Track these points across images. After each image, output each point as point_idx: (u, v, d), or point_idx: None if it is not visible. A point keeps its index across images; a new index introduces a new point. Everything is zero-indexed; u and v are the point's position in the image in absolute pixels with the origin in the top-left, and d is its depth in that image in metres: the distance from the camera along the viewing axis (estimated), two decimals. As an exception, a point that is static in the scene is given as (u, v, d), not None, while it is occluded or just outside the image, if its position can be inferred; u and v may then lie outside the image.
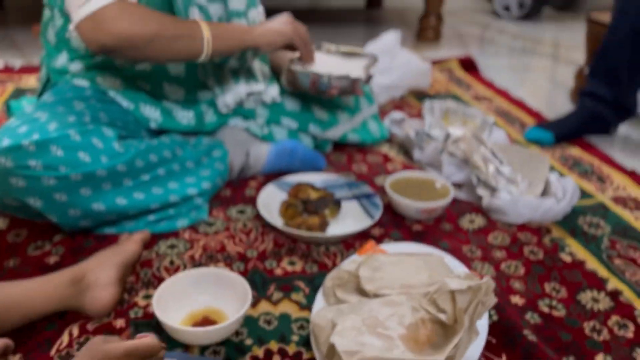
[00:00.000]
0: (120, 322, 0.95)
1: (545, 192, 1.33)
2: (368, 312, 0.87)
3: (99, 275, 0.95)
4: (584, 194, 1.42)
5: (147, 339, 0.66)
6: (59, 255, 1.10)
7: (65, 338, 0.91)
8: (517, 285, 1.09)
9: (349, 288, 0.97)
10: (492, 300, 0.84)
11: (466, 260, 1.14)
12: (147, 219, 1.18)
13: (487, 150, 1.38)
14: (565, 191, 1.32)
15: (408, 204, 1.25)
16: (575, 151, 1.67)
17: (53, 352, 0.88)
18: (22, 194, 1.04)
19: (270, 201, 1.28)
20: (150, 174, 1.19)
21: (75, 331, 0.92)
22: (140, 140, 1.20)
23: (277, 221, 1.21)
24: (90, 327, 0.93)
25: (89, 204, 1.09)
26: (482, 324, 0.92)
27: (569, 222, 1.30)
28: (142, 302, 0.99)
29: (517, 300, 1.05)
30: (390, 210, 1.31)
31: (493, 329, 0.96)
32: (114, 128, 1.18)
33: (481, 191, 1.33)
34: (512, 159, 1.41)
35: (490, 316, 0.99)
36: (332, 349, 0.80)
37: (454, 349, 0.80)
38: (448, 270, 1.01)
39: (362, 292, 0.95)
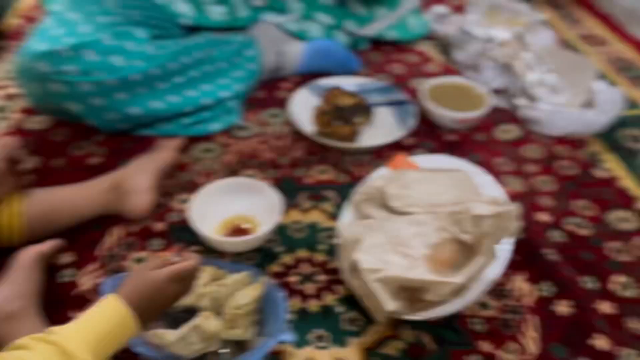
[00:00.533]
0: (159, 226, 1.01)
1: (588, 103, 1.28)
2: (393, 230, 0.90)
3: (137, 181, 1.00)
4: (632, 105, 1.35)
5: (186, 263, 0.72)
6: (100, 156, 1.15)
7: (109, 239, 0.98)
8: (545, 201, 1.09)
9: (376, 204, 1.00)
10: (516, 226, 0.86)
11: (497, 174, 1.14)
12: (181, 122, 1.21)
13: (530, 56, 1.31)
14: (610, 102, 1.26)
15: (443, 114, 1.23)
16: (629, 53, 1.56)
17: (99, 251, 0.96)
18: (60, 98, 1.06)
19: (303, 106, 1.27)
20: (183, 76, 1.19)
21: (119, 232, 0.99)
22: (173, 41, 1.19)
23: (309, 128, 1.22)
24: (132, 229, 1.00)
25: (125, 107, 1.11)
26: (507, 242, 0.94)
27: (610, 135, 1.25)
28: (178, 207, 1.04)
29: (543, 217, 1.06)
30: (424, 118, 1.29)
31: (517, 246, 0.99)
32: (147, 27, 1.17)
33: (520, 100, 1.29)
34: (557, 64, 1.34)
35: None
36: (355, 264, 0.85)
37: (473, 271, 0.83)
38: (475, 189, 1.01)
39: (389, 209, 0.98)
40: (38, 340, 0.58)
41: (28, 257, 0.86)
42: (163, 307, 0.73)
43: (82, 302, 0.88)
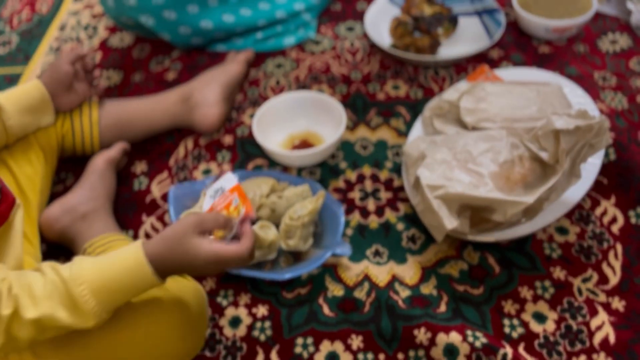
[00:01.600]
0: (228, 139, 1.02)
1: None
2: (462, 145, 0.83)
3: (206, 94, 1.00)
4: None
5: (234, 248, 0.62)
6: (177, 72, 1.16)
7: (181, 150, 1.01)
8: (651, 120, 0.96)
9: (448, 119, 0.93)
10: (604, 142, 0.76)
11: (594, 90, 1.01)
12: (255, 37, 1.18)
13: (651, -48, 1.11)
14: None
15: (535, 22, 1.10)
16: None
17: (171, 162, 0.99)
18: (134, 12, 1.08)
19: (381, 17, 1.19)
20: (257, -11, 1.15)
21: (190, 144, 1.01)
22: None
23: (385, 41, 1.14)
24: (202, 142, 1.02)
25: (197, 21, 1.11)
26: (593, 163, 0.84)
27: None
28: (248, 121, 1.04)
29: (646, 137, 0.93)
30: (516, 28, 1.16)
31: (607, 168, 0.88)
32: None
33: (634, 4, 1.12)
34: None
35: (606, 154, 0.90)
36: (418, 180, 0.80)
37: (548, 190, 0.75)
38: (565, 104, 0.91)
39: (462, 124, 0.91)
40: (55, 273, 0.58)
41: (99, 162, 0.91)
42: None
43: (154, 207, 0.92)
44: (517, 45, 1.13)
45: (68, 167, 0.99)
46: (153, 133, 1.01)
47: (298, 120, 1.00)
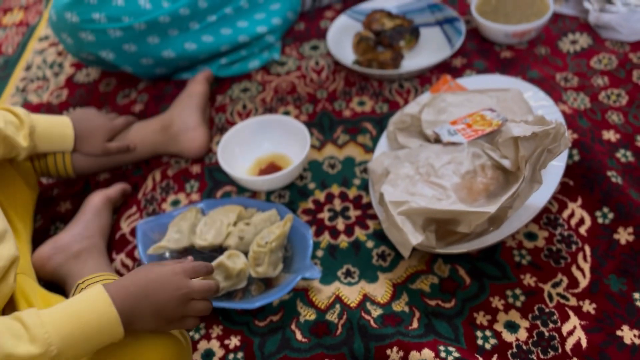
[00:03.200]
0: (196, 168, 1.02)
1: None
2: (424, 159, 0.83)
3: (185, 119, 1.01)
4: None
5: (203, 266, 0.66)
6: (144, 103, 1.16)
7: (149, 183, 1.00)
8: (614, 118, 0.96)
9: (411, 132, 0.93)
10: (562, 146, 0.76)
11: (556, 91, 1.02)
12: (219, 62, 1.19)
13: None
14: None
15: (494, 28, 1.11)
16: None
17: (140, 195, 0.99)
18: (93, 47, 1.08)
19: (344, 34, 1.20)
20: (216, 14, 1.15)
21: (158, 176, 1.01)
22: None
23: (349, 57, 1.15)
24: (170, 172, 1.02)
25: (158, 51, 1.11)
26: (557, 166, 0.85)
27: (702, 35, 1.07)
28: (215, 148, 1.04)
29: (610, 136, 0.93)
30: (478, 36, 1.17)
31: (572, 170, 0.89)
32: None
33: (590, 3, 1.13)
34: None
35: (570, 156, 0.90)
36: (382, 197, 0.80)
37: (510, 199, 0.75)
38: (525, 108, 0.91)
39: (425, 137, 0.91)
40: (22, 322, 0.55)
41: (96, 200, 0.91)
42: (160, 309, 0.61)
43: (124, 243, 0.92)
44: (479, 53, 1.14)
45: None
46: (128, 162, 1.01)
47: (263, 144, 1.00)
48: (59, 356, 0.55)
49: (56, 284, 0.84)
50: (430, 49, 1.16)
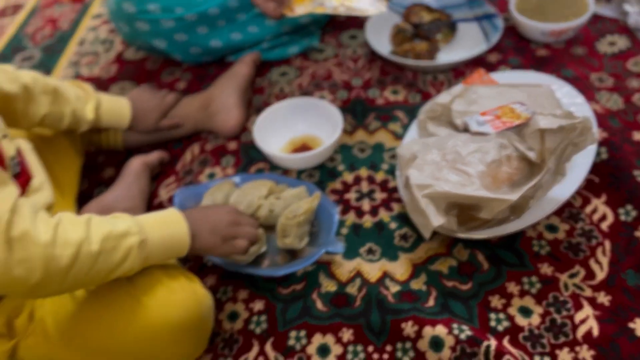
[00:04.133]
0: (232, 145, 1.06)
1: None
2: (452, 146, 0.86)
3: (224, 100, 1.06)
4: None
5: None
6: (187, 81, 1.22)
7: (188, 156, 1.06)
8: (646, 120, 0.97)
9: (441, 121, 0.96)
10: (588, 141, 0.78)
11: (590, 91, 1.03)
12: (261, 47, 1.23)
13: (648, -46, 1.12)
14: None
15: (532, 26, 1.12)
16: None
17: (178, 167, 1.04)
18: (147, 36, 1.14)
19: (382, 25, 1.23)
20: (262, 6, 1.20)
21: (196, 150, 1.07)
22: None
23: (386, 48, 1.18)
24: (208, 147, 1.07)
25: (207, 41, 1.17)
26: (583, 162, 0.86)
27: None
28: (252, 127, 1.09)
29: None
30: (515, 33, 1.18)
31: (598, 167, 0.90)
32: None
33: (631, 5, 1.13)
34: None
35: (598, 154, 0.91)
36: (407, 180, 0.83)
37: (533, 188, 0.77)
38: (555, 104, 0.92)
39: (454, 126, 0.93)
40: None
41: (135, 165, 0.98)
42: (215, 226, 0.75)
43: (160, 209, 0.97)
44: (515, 49, 1.15)
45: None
46: (174, 137, 1.07)
47: (297, 125, 1.04)
48: (144, 245, 0.65)
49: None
50: (466, 43, 1.18)
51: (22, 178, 0.69)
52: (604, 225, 0.83)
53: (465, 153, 0.84)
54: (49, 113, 0.86)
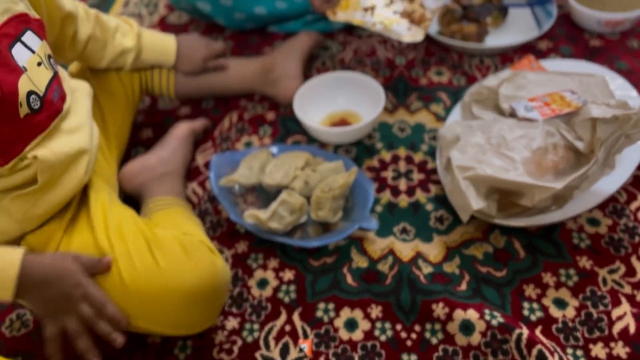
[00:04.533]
0: (270, 115, 1.06)
1: None
2: (497, 131, 0.84)
3: (287, 67, 1.05)
4: None
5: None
6: (229, 49, 1.21)
7: (226, 123, 1.06)
8: (701, 119, 0.92)
9: (487, 105, 0.93)
10: (642, 134, 0.75)
11: (644, 85, 0.99)
12: (305, 19, 1.22)
13: None
14: None
15: (587, 14, 1.08)
16: None
17: (216, 133, 1.04)
18: None
19: (432, 4, 1.20)
20: (310, -25, 1.18)
21: (235, 118, 1.06)
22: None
23: (433, 27, 1.15)
24: (246, 116, 1.06)
25: (251, 7, 1.16)
26: (631, 157, 0.83)
27: None
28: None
29: (694, 136, 0.90)
30: (568, 21, 1.14)
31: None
32: None
33: (695, 1, 1.08)
34: None
35: (648, 149, 0.88)
36: (449, 162, 0.81)
37: (579, 179, 0.75)
38: (608, 94, 0.89)
39: (501, 111, 0.91)
40: None
41: (181, 130, 0.98)
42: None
43: (196, 174, 0.98)
44: (568, 38, 1.11)
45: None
46: (225, 94, 1.07)
47: (338, 100, 1.03)
48: None
49: (134, 199, 0.90)
50: (517, 29, 1.14)
51: (46, 112, 0.66)
52: (649, 223, 0.80)
53: (510, 138, 0.82)
54: (92, 36, 0.86)
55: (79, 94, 0.76)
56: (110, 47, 0.90)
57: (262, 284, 0.81)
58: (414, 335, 0.73)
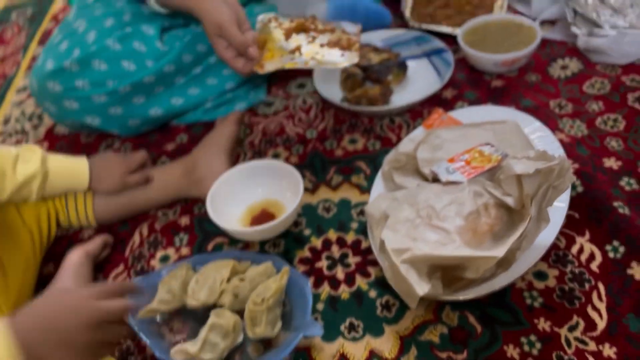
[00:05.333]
0: (185, 220, 0.97)
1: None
2: (424, 201, 0.79)
3: (211, 164, 0.96)
4: None
5: (116, 304, 0.64)
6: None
7: (136, 238, 0.96)
8: (613, 144, 0.93)
9: (408, 171, 0.90)
10: (567, 182, 0.73)
11: (552, 120, 0.99)
12: (204, 107, 1.15)
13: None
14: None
15: (484, 58, 1.09)
16: None
17: (127, 252, 0.94)
18: (78, 115, 1.04)
19: (329, 71, 1.17)
20: (201, 66, 1.12)
21: (145, 230, 0.96)
22: (184, 30, 1.12)
23: (337, 94, 1.12)
24: (157, 225, 0.97)
25: (145, 110, 1.08)
26: (561, 199, 0.81)
27: (693, 55, 1.05)
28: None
29: (611, 163, 0.91)
30: (467, 65, 1.15)
31: (576, 202, 0.85)
32: (156, 21, 1.10)
33: (578, 28, 1.11)
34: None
35: (574, 187, 0.87)
36: (383, 244, 0.76)
37: (518, 240, 0.71)
38: (524, 140, 0.88)
39: (423, 175, 0.87)
40: None
41: (75, 257, 0.87)
42: (70, 341, 0.60)
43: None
44: (470, 82, 1.11)
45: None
46: (150, 207, 0.98)
47: (255, 190, 0.96)
48: None
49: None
50: (419, 81, 1.13)
51: None
52: (594, 266, 0.78)
53: (439, 207, 0.78)
54: None
55: None
56: (9, 177, 0.81)
57: None
58: None
